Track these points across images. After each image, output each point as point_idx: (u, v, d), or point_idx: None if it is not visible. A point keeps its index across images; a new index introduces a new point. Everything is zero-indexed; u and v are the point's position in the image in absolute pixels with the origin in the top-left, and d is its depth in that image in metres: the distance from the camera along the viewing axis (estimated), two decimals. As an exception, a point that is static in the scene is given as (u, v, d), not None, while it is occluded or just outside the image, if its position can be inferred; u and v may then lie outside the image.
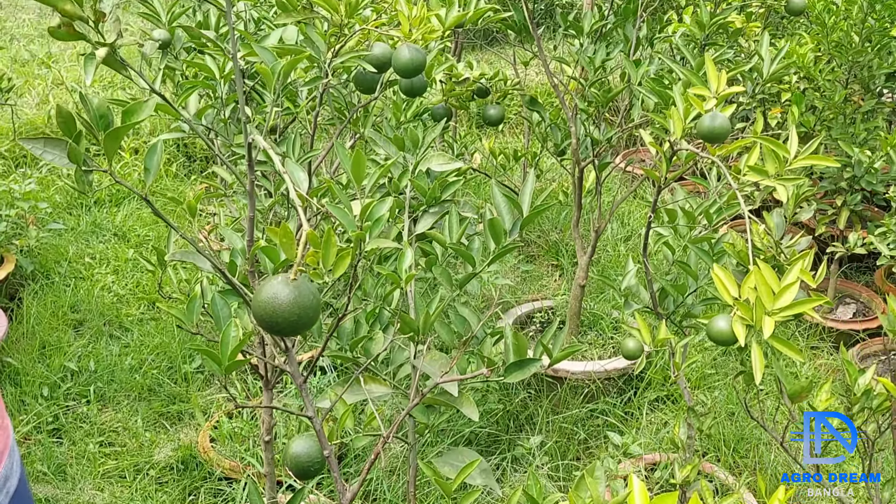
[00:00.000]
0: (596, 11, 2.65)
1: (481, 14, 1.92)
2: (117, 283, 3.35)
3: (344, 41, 1.67)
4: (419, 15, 1.63)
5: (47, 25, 4.25)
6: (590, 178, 2.89)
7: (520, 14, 2.65)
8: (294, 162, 1.25)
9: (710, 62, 1.51)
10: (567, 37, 2.62)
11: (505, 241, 1.39)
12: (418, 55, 1.65)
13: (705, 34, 2.46)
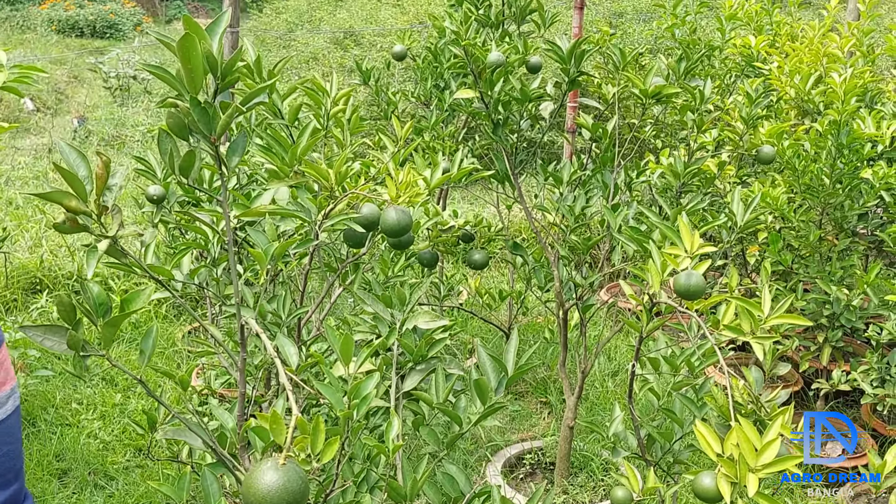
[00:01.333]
0: (575, 160, 2.77)
1: (465, 173, 2.01)
2: (104, 430, 3.33)
3: (333, 204, 1.74)
4: (406, 180, 1.71)
5: (43, 167, 4.36)
6: (574, 318, 2.94)
7: (502, 165, 2.76)
8: (284, 335, 1.29)
9: (682, 223, 1.58)
10: (548, 184, 2.72)
11: (491, 401, 1.42)
12: (405, 217, 1.72)
13: (680, 182, 2.57)
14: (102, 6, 14.73)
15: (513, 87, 2.57)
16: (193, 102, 0.98)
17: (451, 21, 3.35)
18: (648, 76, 2.45)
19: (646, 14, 8.41)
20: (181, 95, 1.01)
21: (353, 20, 9.54)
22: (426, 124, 3.33)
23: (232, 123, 1.16)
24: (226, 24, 1.04)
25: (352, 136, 1.91)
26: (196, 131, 1.02)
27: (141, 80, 8.76)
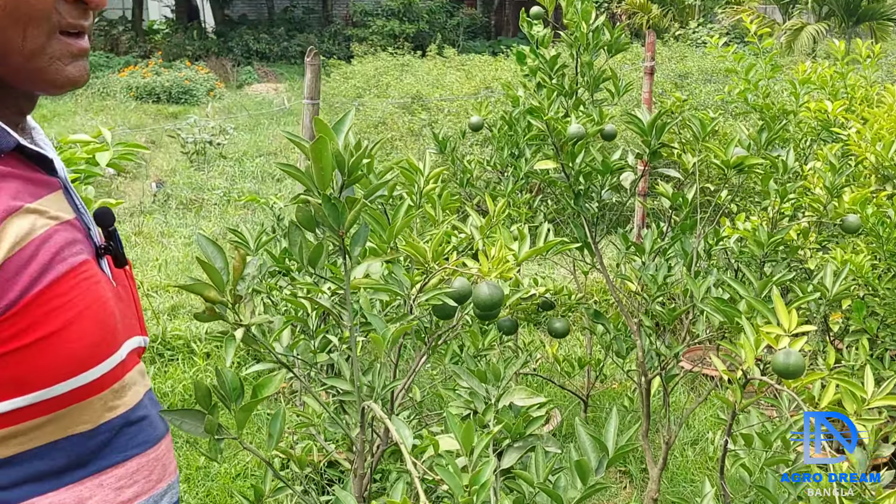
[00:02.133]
0: (654, 227, 2.79)
1: (551, 247, 2.05)
2: (189, 493, 3.40)
3: (427, 279, 1.80)
4: (497, 256, 1.75)
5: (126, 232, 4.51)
6: (655, 385, 2.93)
7: (581, 233, 2.79)
8: (400, 420, 1.33)
9: (779, 301, 1.59)
10: (628, 254, 2.74)
11: (592, 481, 1.44)
12: (497, 292, 1.76)
13: (764, 252, 2.57)
14: (178, 73, 15.34)
15: (593, 158, 2.61)
16: (325, 199, 1.05)
17: (525, 90, 3.43)
18: (730, 146, 2.48)
19: (711, 74, 8.44)
20: (311, 192, 1.08)
21: (419, 85, 9.77)
22: (502, 191, 3.39)
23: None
24: (350, 123, 1.10)
25: (443, 211, 1.97)
26: (325, 225, 1.08)
27: (216, 144, 9.07)
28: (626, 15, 18.34)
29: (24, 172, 0.93)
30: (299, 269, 2.36)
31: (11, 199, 0.88)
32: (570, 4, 3.03)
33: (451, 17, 23.98)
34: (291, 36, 22.00)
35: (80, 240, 0.95)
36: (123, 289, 1.03)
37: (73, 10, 0.93)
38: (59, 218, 0.93)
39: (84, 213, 1.01)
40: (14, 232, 0.86)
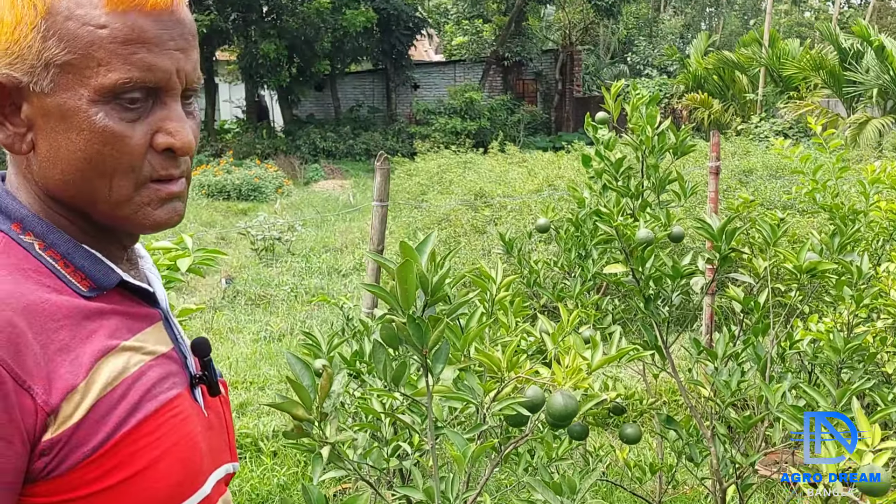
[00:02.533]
0: (726, 331, 2.76)
1: (624, 354, 2.05)
2: None
3: (501, 387, 1.81)
4: (572, 366, 1.76)
5: (196, 328, 4.60)
6: (730, 493, 2.85)
7: (651, 336, 2.78)
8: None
9: (861, 415, 1.56)
10: (700, 358, 2.71)
11: None
12: (572, 403, 1.76)
13: (840, 358, 2.52)
14: (248, 171, 15.87)
15: (663, 263, 2.62)
16: (409, 319, 1.08)
17: (591, 192, 3.48)
18: (802, 251, 2.47)
19: (775, 170, 8.41)
20: (395, 311, 1.11)
21: (482, 182, 9.93)
22: (569, 293, 3.40)
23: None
24: (432, 245, 1.14)
25: (515, 319, 2.00)
26: (408, 343, 1.11)
27: (284, 241, 9.30)
28: (687, 110, 18.50)
29: (126, 307, 0.96)
30: (370, 371, 2.39)
31: (108, 338, 0.90)
32: (636, 109, 3.09)
33: (512, 113, 24.47)
34: (357, 134, 22.66)
35: (174, 373, 0.97)
36: (216, 416, 1.04)
37: (164, 161, 0.93)
38: (155, 352, 0.95)
39: (182, 342, 1.03)
40: (107, 373, 0.87)
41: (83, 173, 0.90)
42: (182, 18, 0.93)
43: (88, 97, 0.87)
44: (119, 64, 0.87)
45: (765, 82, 17.58)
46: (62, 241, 0.93)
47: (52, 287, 0.89)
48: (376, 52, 23.83)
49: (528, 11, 26.15)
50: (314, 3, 20.81)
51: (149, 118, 0.91)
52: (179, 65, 0.92)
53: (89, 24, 0.87)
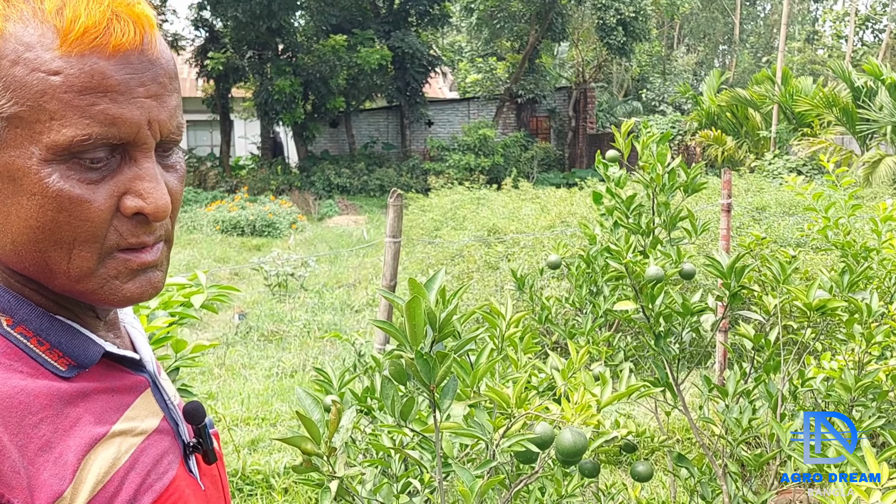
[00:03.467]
0: (737, 369, 2.76)
1: (633, 391, 2.05)
2: None
3: (510, 424, 1.82)
4: (581, 403, 1.77)
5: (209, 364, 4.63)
6: (743, 532, 2.82)
7: (662, 373, 2.78)
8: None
9: (869, 453, 1.56)
10: (711, 396, 2.71)
11: None
12: (581, 440, 1.77)
13: (851, 396, 2.51)
14: (262, 207, 16.00)
15: (673, 300, 2.63)
16: (418, 355, 1.10)
17: (602, 229, 3.49)
18: (811, 289, 2.47)
19: (788, 207, 8.41)
20: (403, 346, 1.13)
21: (495, 218, 9.98)
22: (581, 329, 3.41)
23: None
24: (440, 282, 1.17)
25: (525, 356, 2.01)
26: (416, 379, 1.13)
27: (297, 276, 9.34)
28: (701, 147, 18.55)
29: (111, 382, 0.84)
30: (381, 407, 2.40)
31: (95, 425, 0.79)
32: (646, 147, 3.12)
33: (526, 150, 24.61)
34: (371, 170, 22.83)
35: (167, 450, 0.87)
36: (212, 483, 0.95)
37: (133, 227, 0.79)
38: (146, 431, 0.85)
39: (172, 407, 0.92)
40: (97, 469, 0.77)
41: (36, 244, 0.77)
42: (154, 58, 0.79)
43: (40, 156, 0.74)
44: (75, 118, 0.73)
45: (778, 119, 17.64)
46: (34, 316, 0.80)
47: (24, 371, 0.76)
48: (391, 90, 24.09)
49: (541, 49, 26.40)
50: (330, 41, 21.11)
51: (114, 178, 0.78)
52: (152, 115, 0.78)
53: (40, 69, 0.73)
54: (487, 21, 25.54)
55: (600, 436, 2.44)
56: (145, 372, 0.90)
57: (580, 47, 27.57)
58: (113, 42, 0.75)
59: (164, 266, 0.85)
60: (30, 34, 0.74)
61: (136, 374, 0.88)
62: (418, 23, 24.69)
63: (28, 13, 0.74)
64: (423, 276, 7.22)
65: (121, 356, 0.86)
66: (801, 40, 41.52)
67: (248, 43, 21.48)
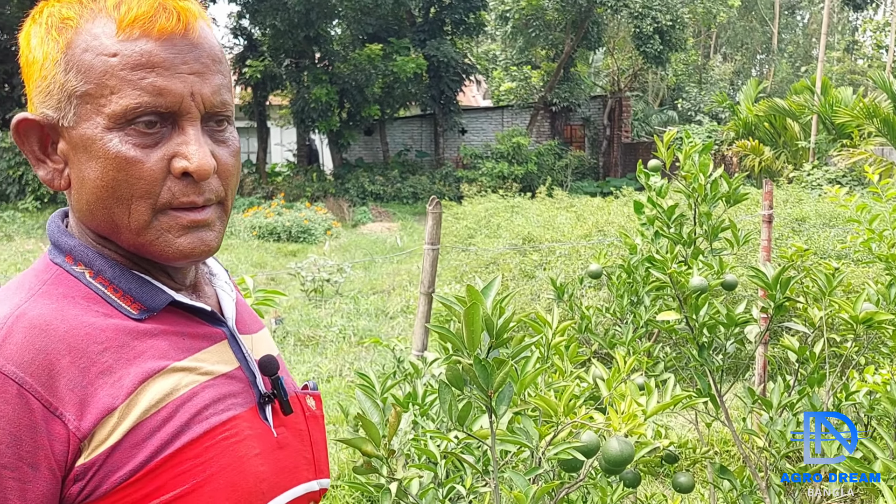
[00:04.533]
0: (780, 381, 2.74)
1: (678, 401, 2.05)
2: None
3: (556, 432, 1.83)
4: (628, 412, 1.77)
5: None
6: (784, 546, 2.80)
7: (705, 384, 2.77)
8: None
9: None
10: (754, 408, 2.69)
11: None
12: (628, 449, 1.77)
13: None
14: (298, 213, 16.14)
15: (717, 311, 2.62)
16: (476, 361, 1.12)
17: (643, 239, 3.49)
18: (858, 302, 2.46)
19: (829, 219, 8.32)
20: (460, 352, 1.15)
21: (529, 226, 9.97)
22: (621, 340, 3.40)
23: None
24: (497, 288, 1.18)
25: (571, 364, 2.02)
26: (474, 384, 1.15)
27: (333, 282, 9.41)
28: (738, 157, 18.39)
29: (182, 327, 0.95)
30: (423, 413, 2.42)
31: (157, 360, 0.90)
32: (688, 157, 3.11)
33: (560, 158, 24.56)
34: (405, 178, 22.92)
35: (234, 393, 0.95)
36: (295, 434, 1.02)
37: (184, 188, 0.91)
38: (212, 373, 0.94)
39: (250, 360, 1.01)
40: (151, 395, 0.87)
41: (103, 201, 0.91)
42: (197, 42, 0.92)
43: (104, 125, 0.89)
44: (129, 90, 0.88)
45: (817, 130, 17.43)
46: (109, 267, 0.94)
47: (101, 312, 0.91)
48: (425, 98, 24.18)
49: (576, 58, 26.36)
50: (366, 49, 21.25)
51: (165, 144, 0.91)
52: (194, 88, 0.91)
53: (103, 53, 0.88)
54: (522, 30, 25.53)
55: (644, 445, 2.43)
56: (224, 326, 1.01)
57: (615, 56, 27.49)
58: (158, 26, 0.89)
59: (216, 227, 0.96)
60: (97, 27, 0.90)
61: (214, 326, 0.99)
62: (453, 31, 24.77)
63: (96, 10, 0.90)
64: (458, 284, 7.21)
65: (192, 306, 0.97)
66: (840, 50, 41.04)
67: (286, 51, 21.70)
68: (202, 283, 1.05)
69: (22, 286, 0.92)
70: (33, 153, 0.95)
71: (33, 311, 0.87)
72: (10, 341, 0.83)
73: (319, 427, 1.07)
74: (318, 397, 1.09)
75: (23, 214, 17.49)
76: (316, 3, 20.01)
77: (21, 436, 0.80)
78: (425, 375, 2.90)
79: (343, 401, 5.38)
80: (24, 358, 0.83)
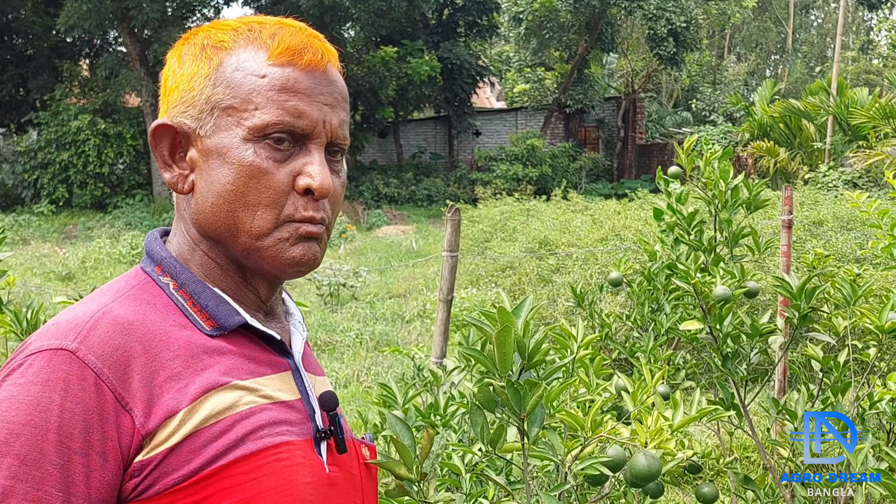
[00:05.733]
0: (804, 390, 2.72)
1: (705, 414, 2.04)
2: None
3: (582, 446, 1.82)
4: (655, 427, 1.76)
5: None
6: (808, 557, 2.78)
7: (728, 394, 2.75)
8: None
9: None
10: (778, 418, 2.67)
11: None
12: (655, 464, 1.76)
13: (926, 421, 2.46)
14: (313, 217, 16.15)
15: (741, 321, 2.61)
16: (508, 384, 1.11)
17: (662, 245, 3.47)
18: (884, 312, 2.43)
19: (847, 221, 8.26)
20: (492, 373, 1.15)
21: (545, 230, 9.95)
22: (642, 348, 3.38)
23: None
24: (528, 308, 1.18)
25: (596, 377, 2.01)
26: (506, 406, 1.14)
27: (349, 286, 9.42)
28: (753, 158, 18.29)
29: (249, 351, 0.99)
30: (445, 424, 2.42)
31: (221, 374, 0.94)
32: (708, 164, 3.09)
33: (574, 160, 24.52)
34: (419, 180, 22.93)
35: (290, 421, 0.97)
36: (346, 476, 1.02)
37: (305, 203, 0.99)
38: (272, 398, 0.97)
39: (311, 394, 1.03)
40: (213, 405, 0.91)
41: (230, 204, 0.97)
42: (333, 80, 1.03)
43: (242, 136, 0.97)
44: (273, 108, 0.97)
45: (833, 131, 17.32)
46: (191, 282, 1.00)
47: (178, 323, 0.96)
48: (439, 100, 24.19)
49: (590, 59, 26.30)
50: (380, 52, 21.28)
51: (293, 162, 0.99)
52: (326, 117, 1.00)
53: (253, 74, 0.98)
54: (536, 31, 25.50)
55: (668, 456, 2.42)
56: (290, 358, 1.05)
57: (629, 57, 27.41)
58: (306, 59, 0.99)
59: (323, 243, 1.03)
60: (249, 51, 1.00)
61: (280, 356, 1.03)
62: (467, 34, 24.77)
63: (251, 38, 1.01)
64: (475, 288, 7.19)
65: (262, 332, 1.02)
66: (855, 50, 40.77)
67: (300, 54, 21.73)
68: (280, 315, 1.10)
69: (111, 289, 0.99)
70: (163, 157, 1.03)
71: (118, 310, 0.93)
72: (95, 334, 0.89)
73: (372, 478, 1.09)
74: (373, 449, 1.11)
75: (38, 218, 17.61)
76: (329, 6, 20.05)
77: (92, 423, 0.85)
78: (445, 384, 2.90)
79: (360, 407, 5.38)
80: (105, 351, 0.88)
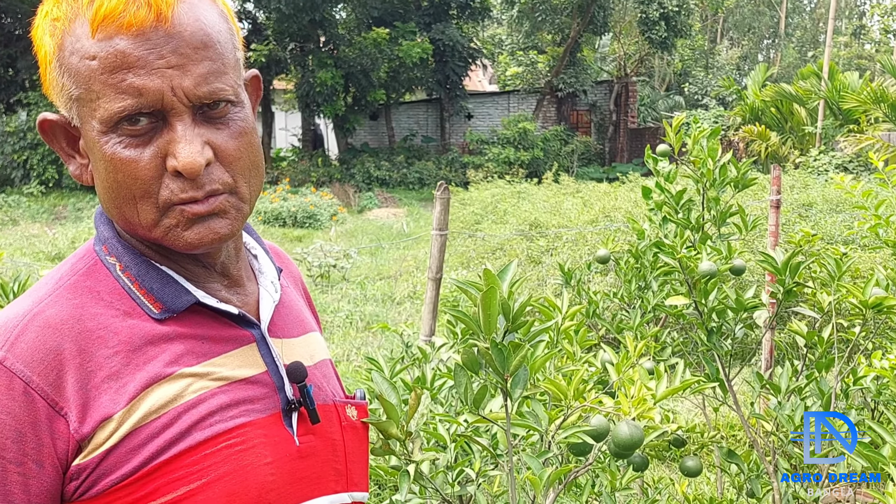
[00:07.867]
0: (788, 366, 2.75)
1: (688, 385, 2.07)
2: None
3: (565, 416, 1.84)
4: (637, 396, 1.79)
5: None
6: (791, 530, 2.82)
7: (713, 369, 2.78)
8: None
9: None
10: (762, 392, 2.71)
11: None
12: (637, 433, 1.79)
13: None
14: (303, 198, 16.14)
15: (726, 295, 2.63)
16: (493, 345, 1.13)
17: (651, 224, 3.49)
18: (867, 287, 2.46)
19: (836, 204, 8.31)
20: (476, 335, 1.16)
21: (536, 212, 9.97)
22: (629, 325, 3.41)
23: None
24: (513, 273, 1.19)
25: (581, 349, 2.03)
26: (490, 367, 1.16)
27: (340, 268, 9.43)
28: (744, 142, 18.33)
29: (203, 330, 0.93)
30: (432, 397, 2.44)
31: (165, 366, 0.89)
32: (696, 142, 3.11)
33: (566, 144, 24.51)
34: (410, 163, 22.90)
35: (249, 399, 0.93)
36: (324, 442, 0.99)
37: (181, 184, 0.88)
38: (227, 378, 0.92)
39: (279, 364, 0.97)
40: (152, 401, 0.87)
41: (114, 202, 0.90)
42: (174, 31, 0.86)
43: (98, 129, 0.87)
44: (112, 94, 0.85)
45: (824, 115, 17.36)
46: (135, 263, 0.94)
47: (122, 312, 0.91)
48: (431, 82, 24.12)
49: (582, 43, 26.25)
50: (371, 33, 21.19)
51: (157, 142, 0.87)
52: (174, 82, 0.85)
53: (85, 57, 0.85)
54: (528, 14, 25.44)
55: (653, 429, 2.45)
56: (255, 328, 0.98)
57: (622, 41, 27.37)
58: (127, 21, 0.84)
59: (229, 214, 0.92)
60: (78, 25, 0.86)
61: (242, 328, 0.97)
62: (459, 16, 24.68)
63: (76, 9, 0.86)
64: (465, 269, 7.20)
65: (218, 309, 0.95)
66: (847, 34, 40.80)
67: (291, 35, 21.65)
68: (244, 278, 1.02)
69: (54, 276, 0.93)
70: (63, 150, 0.95)
71: (51, 309, 0.88)
72: (23, 339, 0.85)
73: (359, 438, 1.05)
74: (363, 407, 1.07)
75: (27, 199, 17.55)
76: (321, -12, 19.98)
77: (25, 431, 0.83)
78: (433, 360, 2.92)
79: (351, 385, 5.41)
80: (35, 357, 0.85)
